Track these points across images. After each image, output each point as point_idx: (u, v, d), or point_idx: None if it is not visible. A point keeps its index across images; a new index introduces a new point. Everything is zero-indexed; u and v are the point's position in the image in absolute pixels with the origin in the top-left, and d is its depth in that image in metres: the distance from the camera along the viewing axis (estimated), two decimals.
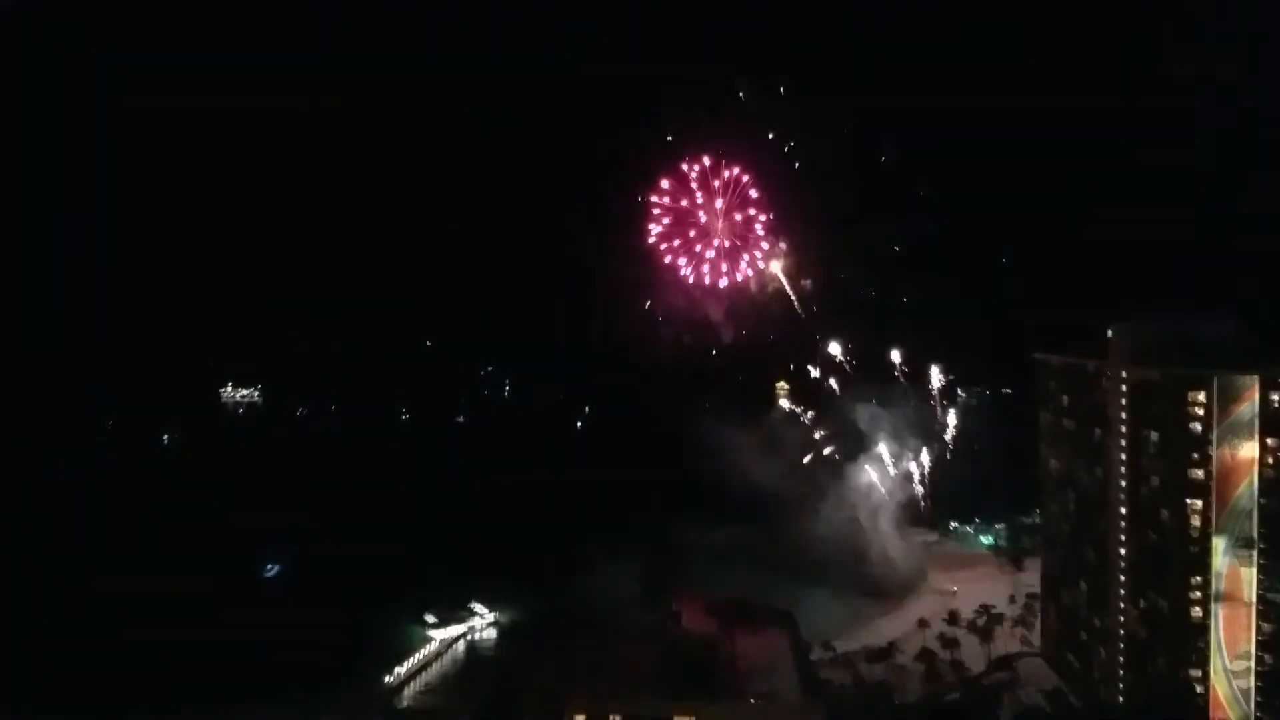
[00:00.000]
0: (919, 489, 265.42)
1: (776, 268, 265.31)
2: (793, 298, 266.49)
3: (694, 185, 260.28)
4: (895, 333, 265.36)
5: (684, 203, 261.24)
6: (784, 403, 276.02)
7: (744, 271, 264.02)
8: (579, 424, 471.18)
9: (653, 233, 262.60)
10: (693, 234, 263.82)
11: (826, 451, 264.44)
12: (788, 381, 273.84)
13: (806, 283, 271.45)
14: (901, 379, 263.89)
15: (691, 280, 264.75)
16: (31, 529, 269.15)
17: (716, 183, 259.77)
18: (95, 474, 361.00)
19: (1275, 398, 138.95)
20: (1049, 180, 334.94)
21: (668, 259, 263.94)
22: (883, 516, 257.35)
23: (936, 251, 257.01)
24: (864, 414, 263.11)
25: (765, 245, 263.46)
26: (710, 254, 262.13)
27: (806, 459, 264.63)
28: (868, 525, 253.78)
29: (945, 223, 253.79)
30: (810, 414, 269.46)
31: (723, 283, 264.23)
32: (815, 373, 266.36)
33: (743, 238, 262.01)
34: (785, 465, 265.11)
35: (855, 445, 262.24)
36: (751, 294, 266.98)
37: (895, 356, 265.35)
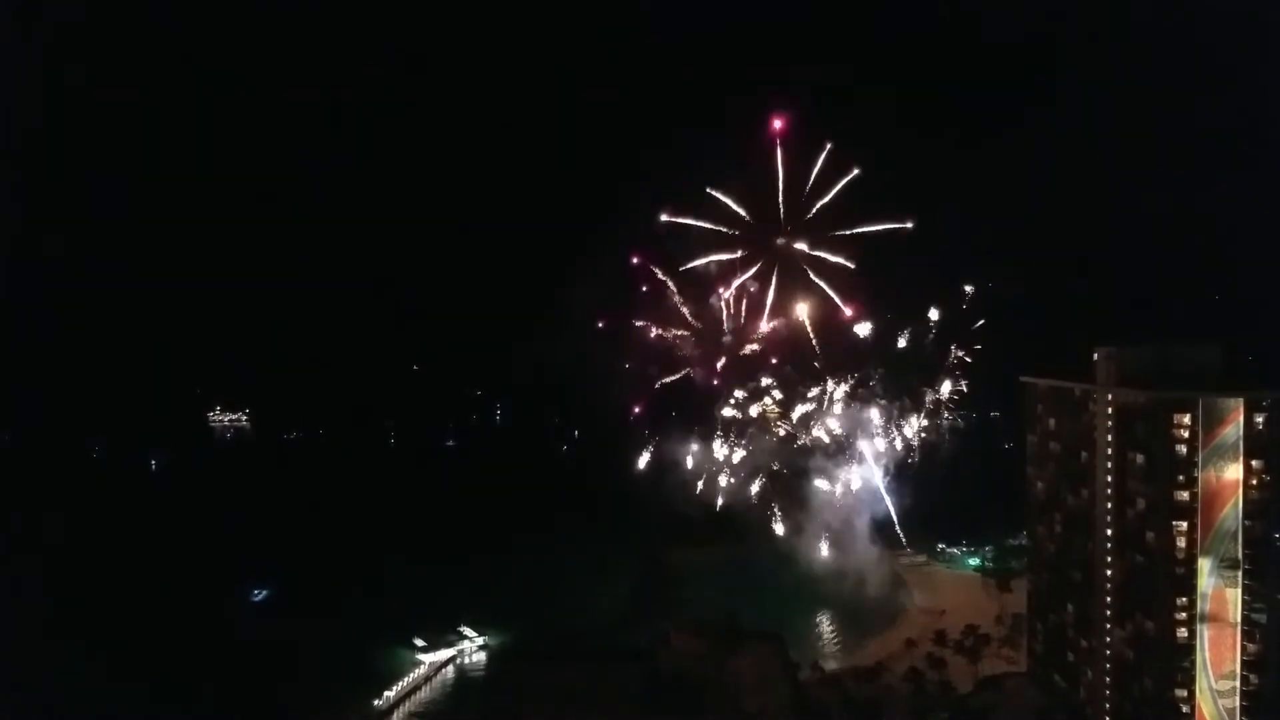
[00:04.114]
0: (908, 511, 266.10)
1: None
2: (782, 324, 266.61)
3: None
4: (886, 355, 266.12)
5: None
6: (774, 425, 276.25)
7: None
8: (565, 447, 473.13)
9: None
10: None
11: (816, 473, 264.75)
12: (777, 404, 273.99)
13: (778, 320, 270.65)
14: (890, 402, 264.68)
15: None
16: (23, 552, 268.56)
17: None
18: (85, 498, 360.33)
19: (1259, 420, 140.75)
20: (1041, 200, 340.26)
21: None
22: (870, 538, 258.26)
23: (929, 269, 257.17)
24: (853, 437, 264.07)
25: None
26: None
27: (796, 480, 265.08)
28: (855, 546, 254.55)
29: (939, 238, 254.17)
30: (800, 436, 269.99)
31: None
32: (806, 394, 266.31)
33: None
34: (774, 487, 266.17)
35: (844, 467, 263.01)
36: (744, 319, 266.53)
37: (885, 380, 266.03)
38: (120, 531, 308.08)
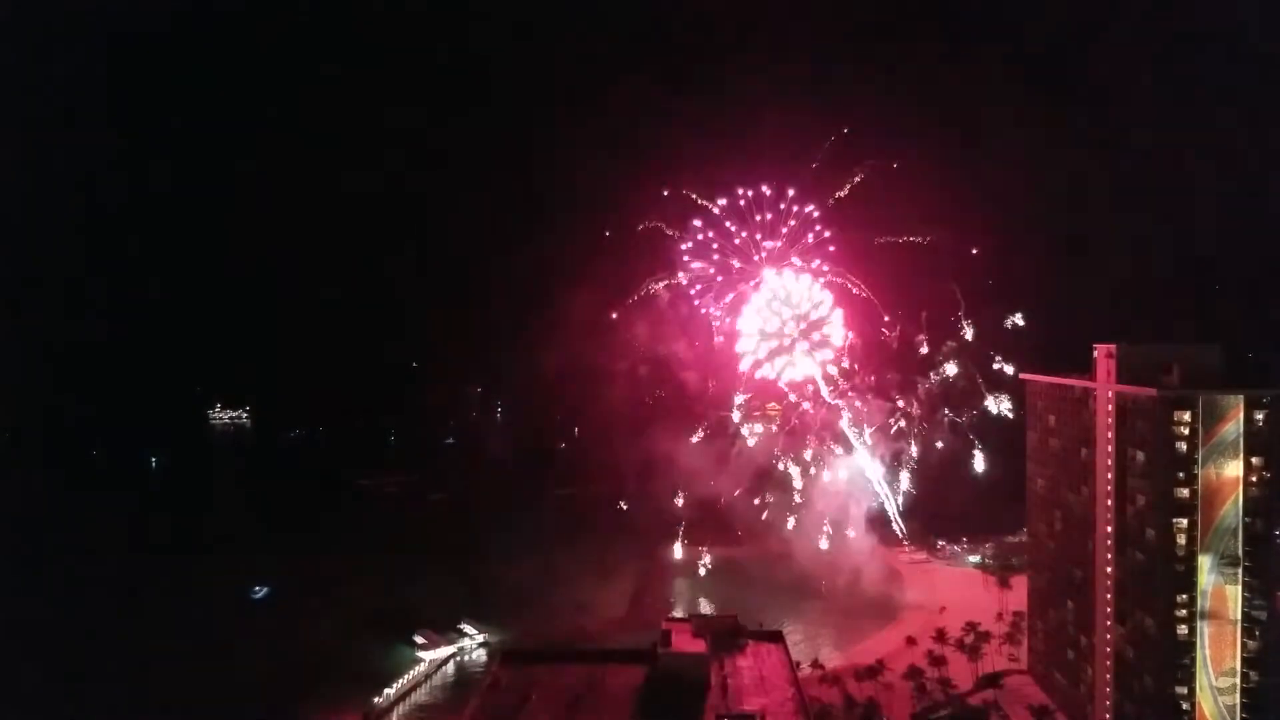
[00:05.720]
0: (908, 508, 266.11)
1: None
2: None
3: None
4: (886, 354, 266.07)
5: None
6: (776, 423, 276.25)
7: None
8: (563, 445, 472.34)
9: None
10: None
11: (816, 471, 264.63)
12: (778, 403, 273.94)
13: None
14: (891, 399, 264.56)
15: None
16: (25, 550, 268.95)
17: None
18: (83, 497, 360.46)
19: (1259, 417, 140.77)
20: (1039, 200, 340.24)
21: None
22: (871, 535, 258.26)
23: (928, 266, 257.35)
24: (854, 435, 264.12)
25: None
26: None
27: (797, 479, 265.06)
28: (856, 544, 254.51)
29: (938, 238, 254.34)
30: (801, 434, 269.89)
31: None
32: (805, 394, 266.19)
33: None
34: (774, 485, 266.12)
35: (844, 465, 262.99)
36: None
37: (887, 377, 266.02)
38: (119, 528, 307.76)
